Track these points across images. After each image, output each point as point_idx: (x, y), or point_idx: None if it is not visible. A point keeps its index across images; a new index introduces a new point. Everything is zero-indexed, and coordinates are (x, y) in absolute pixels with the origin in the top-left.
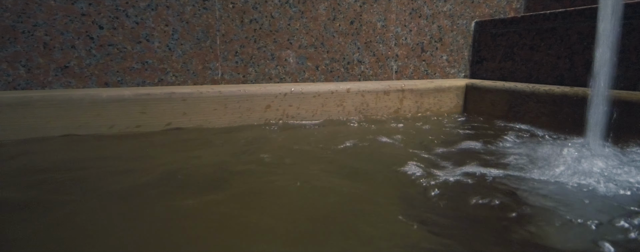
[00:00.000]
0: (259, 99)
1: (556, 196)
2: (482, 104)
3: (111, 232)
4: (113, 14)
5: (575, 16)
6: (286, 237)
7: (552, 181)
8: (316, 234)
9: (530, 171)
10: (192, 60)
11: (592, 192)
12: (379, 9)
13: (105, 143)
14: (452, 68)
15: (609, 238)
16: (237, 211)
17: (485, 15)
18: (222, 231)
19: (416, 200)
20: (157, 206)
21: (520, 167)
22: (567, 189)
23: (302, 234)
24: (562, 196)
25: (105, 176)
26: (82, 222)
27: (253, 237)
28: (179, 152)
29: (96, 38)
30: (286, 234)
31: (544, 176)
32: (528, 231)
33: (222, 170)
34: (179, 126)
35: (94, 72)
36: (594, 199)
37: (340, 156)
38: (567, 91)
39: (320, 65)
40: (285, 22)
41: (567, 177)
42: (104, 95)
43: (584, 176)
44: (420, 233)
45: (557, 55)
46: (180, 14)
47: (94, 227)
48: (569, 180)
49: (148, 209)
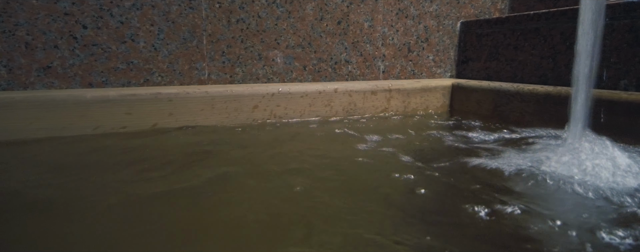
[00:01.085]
0: (246, 99)
1: (537, 191)
2: (468, 103)
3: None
4: (97, 13)
5: (558, 17)
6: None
7: (534, 175)
8: (291, 229)
9: (513, 167)
10: (179, 60)
11: (572, 186)
12: (366, 9)
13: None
14: (438, 68)
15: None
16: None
17: (470, 15)
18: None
19: (399, 197)
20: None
21: (504, 163)
22: (548, 183)
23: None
24: (544, 190)
25: (87, 179)
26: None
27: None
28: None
29: (80, 38)
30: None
31: (526, 171)
32: (509, 227)
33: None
34: (165, 127)
35: (78, 73)
36: (576, 192)
37: (327, 155)
38: (551, 90)
39: (308, 65)
40: (272, 22)
41: (549, 171)
42: (88, 96)
43: (565, 171)
44: (401, 226)
45: (541, 55)
46: (166, 14)
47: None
48: (550, 174)
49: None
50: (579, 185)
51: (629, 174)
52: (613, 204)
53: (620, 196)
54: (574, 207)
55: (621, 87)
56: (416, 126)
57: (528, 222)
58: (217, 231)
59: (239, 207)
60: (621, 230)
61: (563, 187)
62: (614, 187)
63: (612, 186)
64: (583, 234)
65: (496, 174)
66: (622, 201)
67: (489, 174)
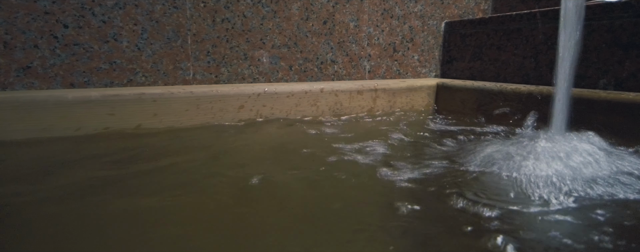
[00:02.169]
0: (232, 99)
1: (516, 186)
2: (453, 102)
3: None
4: (78, 12)
5: (539, 17)
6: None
7: (515, 170)
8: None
9: (494, 163)
10: (163, 60)
11: (551, 180)
12: (352, 9)
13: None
14: (423, 68)
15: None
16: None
17: (454, 16)
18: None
19: (380, 194)
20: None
21: (486, 160)
22: (527, 178)
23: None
24: (520, 186)
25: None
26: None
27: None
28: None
29: (61, 37)
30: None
31: (507, 167)
32: (487, 223)
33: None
34: (149, 127)
35: (59, 73)
36: (553, 185)
37: (309, 154)
38: (533, 90)
39: (294, 65)
40: (257, 22)
41: (529, 166)
42: (69, 97)
43: (545, 167)
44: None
45: (523, 55)
46: (150, 13)
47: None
48: (530, 169)
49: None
50: (558, 177)
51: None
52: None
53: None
54: (555, 200)
55: (600, 86)
56: (401, 124)
57: (508, 218)
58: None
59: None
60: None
61: (542, 181)
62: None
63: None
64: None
65: (479, 170)
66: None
67: (473, 171)
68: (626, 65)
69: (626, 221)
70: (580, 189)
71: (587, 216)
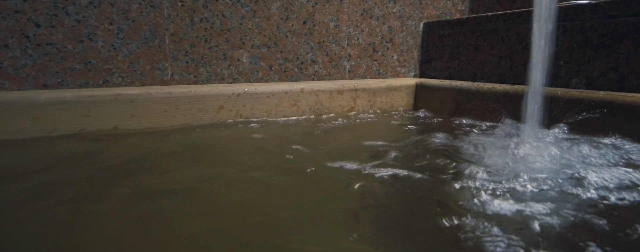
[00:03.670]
0: (211, 99)
1: (493, 181)
2: (432, 101)
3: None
4: (51, 11)
5: (514, 18)
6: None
7: (490, 166)
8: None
9: (472, 161)
10: (140, 60)
11: (523, 175)
12: (332, 9)
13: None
14: (402, 68)
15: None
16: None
17: (432, 16)
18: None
19: (356, 192)
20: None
21: (463, 157)
22: (503, 173)
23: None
24: (497, 181)
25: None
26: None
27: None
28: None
29: (32, 37)
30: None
31: (483, 163)
32: (460, 221)
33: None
34: (126, 129)
35: (31, 73)
36: (527, 180)
37: (286, 153)
38: (508, 89)
39: (274, 65)
40: (237, 22)
41: (503, 162)
42: (42, 98)
43: (519, 162)
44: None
45: (499, 55)
46: (126, 12)
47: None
48: (505, 165)
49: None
50: (529, 172)
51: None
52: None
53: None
54: (525, 194)
55: (572, 85)
56: (381, 124)
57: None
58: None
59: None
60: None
61: (515, 176)
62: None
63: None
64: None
65: (455, 166)
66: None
67: (450, 167)
68: (596, 64)
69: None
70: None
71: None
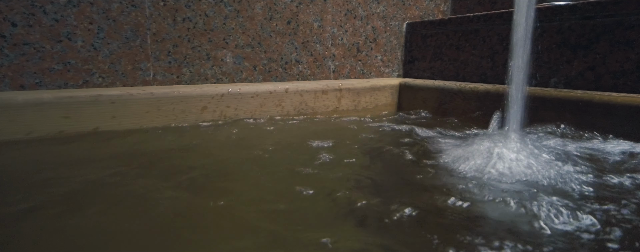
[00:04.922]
0: (194, 100)
1: (471, 180)
2: (415, 101)
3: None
4: (28, 10)
5: (495, 19)
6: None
7: (470, 165)
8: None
9: (454, 160)
10: (121, 60)
11: (502, 172)
12: (315, 9)
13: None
14: (386, 67)
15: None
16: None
17: (415, 17)
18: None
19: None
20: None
21: (445, 155)
22: (484, 172)
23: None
24: (478, 180)
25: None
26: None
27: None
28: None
29: (9, 36)
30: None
31: (464, 162)
32: (443, 219)
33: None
34: (107, 130)
35: (7, 74)
36: (506, 177)
37: (269, 153)
38: (490, 88)
39: (258, 65)
40: (220, 21)
41: (484, 161)
42: (19, 99)
43: (500, 160)
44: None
45: (481, 55)
46: (106, 12)
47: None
48: (485, 164)
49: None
50: (508, 170)
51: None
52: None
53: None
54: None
55: (551, 84)
56: (365, 123)
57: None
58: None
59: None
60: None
61: (495, 175)
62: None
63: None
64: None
65: (438, 165)
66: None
67: (433, 165)
68: (574, 64)
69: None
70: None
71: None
